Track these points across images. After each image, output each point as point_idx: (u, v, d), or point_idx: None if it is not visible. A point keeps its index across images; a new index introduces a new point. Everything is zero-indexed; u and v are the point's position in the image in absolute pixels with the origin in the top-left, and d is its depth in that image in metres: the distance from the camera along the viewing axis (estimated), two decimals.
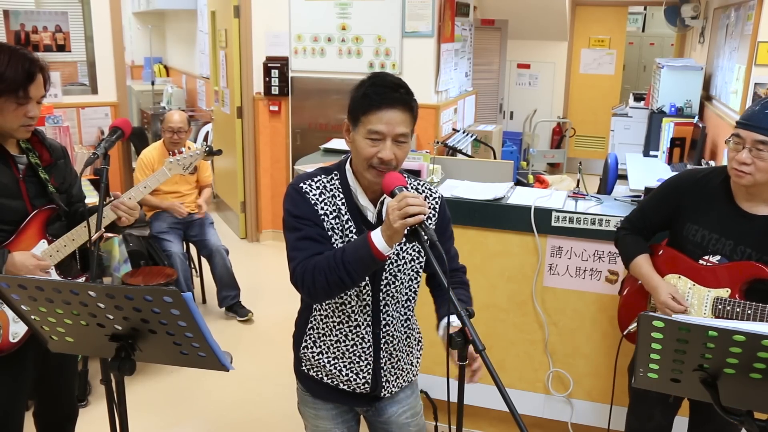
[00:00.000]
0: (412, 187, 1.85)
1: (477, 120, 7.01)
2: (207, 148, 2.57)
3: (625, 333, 2.32)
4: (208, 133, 6.98)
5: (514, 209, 2.85)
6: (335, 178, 1.81)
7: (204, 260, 4.53)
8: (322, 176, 1.81)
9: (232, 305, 4.38)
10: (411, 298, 1.90)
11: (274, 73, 5.58)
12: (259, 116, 5.78)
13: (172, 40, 9.13)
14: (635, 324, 2.28)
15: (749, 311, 2.03)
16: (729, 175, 2.06)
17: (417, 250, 1.85)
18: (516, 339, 2.96)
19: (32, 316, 1.53)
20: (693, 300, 2.14)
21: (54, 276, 2.10)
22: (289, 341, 1.94)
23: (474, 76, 6.90)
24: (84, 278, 2.25)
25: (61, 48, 4.74)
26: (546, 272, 2.88)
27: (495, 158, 5.49)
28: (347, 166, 1.82)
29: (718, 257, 2.10)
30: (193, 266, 4.60)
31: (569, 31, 8.43)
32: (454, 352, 1.56)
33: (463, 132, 5.60)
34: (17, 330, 2.04)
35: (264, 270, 5.35)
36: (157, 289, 1.36)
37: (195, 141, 6.72)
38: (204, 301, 4.65)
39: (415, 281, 1.89)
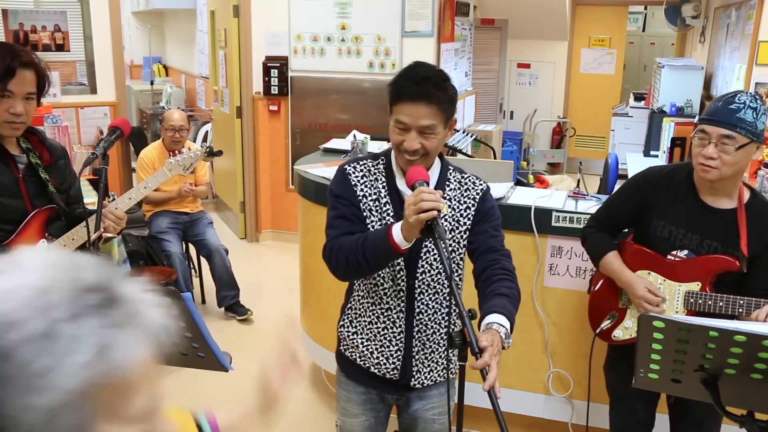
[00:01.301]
0: (455, 179, 1.89)
1: (477, 120, 7.00)
2: (207, 149, 2.57)
3: (597, 331, 2.32)
4: (207, 132, 6.97)
5: (514, 209, 2.84)
6: (381, 162, 1.87)
7: (203, 260, 4.52)
8: (369, 160, 1.89)
9: (232, 305, 4.37)
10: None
11: (274, 72, 5.57)
12: (258, 116, 5.77)
13: (172, 40, 9.12)
14: (607, 321, 2.29)
15: (721, 303, 2.06)
16: (693, 170, 2.09)
17: (457, 241, 1.86)
18: (516, 339, 2.95)
19: None
20: (664, 295, 2.16)
21: None
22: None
23: (474, 75, 6.89)
24: None
25: (60, 48, 4.74)
26: (546, 272, 2.87)
27: (495, 158, 5.48)
28: (393, 151, 1.86)
29: (685, 252, 2.12)
30: (192, 266, 4.59)
31: (569, 30, 8.42)
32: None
33: (463, 132, 5.59)
34: None
35: (264, 270, 5.34)
36: (156, 289, 1.35)
37: (194, 141, 6.72)
38: (203, 301, 4.65)
39: (455, 273, 1.89)
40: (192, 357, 1.51)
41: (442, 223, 1.82)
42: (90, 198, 3.41)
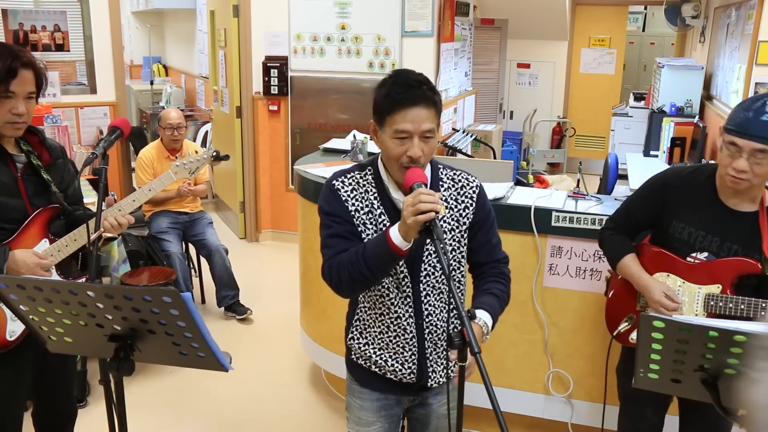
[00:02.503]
0: (448, 177, 1.87)
1: (477, 120, 7.01)
2: (214, 154, 2.56)
3: (615, 334, 2.31)
4: (207, 132, 6.97)
5: (514, 209, 2.84)
6: (369, 173, 1.84)
7: (203, 260, 4.52)
8: (356, 172, 1.85)
9: (231, 305, 4.37)
10: (455, 287, 1.90)
11: (274, 72, 5.57)
12: (258, 116, 5.77)
13: (171, 40, 9.12)
14: (625, 324, 2.28)
15: (742, 306, 2.04)
16: (715, 172, 2.07)
17: (457, 240, 1.86)
18: (516, 339, 2.96)
19: (31, 316, 1.52)
20: (684, 297, 2.14)
21: (54, 276, 2.09)
22: (289, 341, 1.95)
23: (474, 75, 6.89)
24: (84, 278, 2.24)
25: (60, 47, 4.73)
26: (546, 272, 2.87)
27: (495, 158, 5.48)
28: (379, 160, 1.84)
29: (705, 254, 2.10)
30: (192, 266, 4.59)
31: (569, 30, 8.42)
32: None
33: (463, 132, 5.60)
34: (14, 329, 2.03)
35: (263, 270, 5.34)
36: (156, 289, 1.35)
37: (194, 140, 6.72)
38: (203, 301, 4.65)
39: (458, 271, 1.89)
40: (192, 357, 1.51)
41: (441, 224, 1.82)
42: (90, 198, 3.42)
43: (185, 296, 1.35)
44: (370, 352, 1.92)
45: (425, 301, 1.86)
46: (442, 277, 1.86)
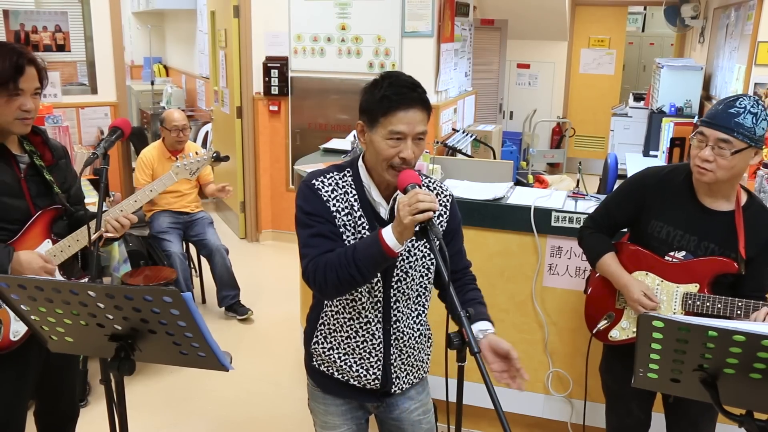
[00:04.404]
0: (423, 185, 1.87)
1: (477, 120, 7.01)
2: (214, 154, 2.57)
3: (594, 331, 2.33)
4: (207, 133, 6.97)
5: (514, 209, 2.85)
6: (348, 174, 1.82)
7: (204, 260, 4.52)
8: (335, 173, 1.83)
9: (232, 305, 4.38)
10: (422, 294, 1.91)
11: (274, 73, 5.57)
12: (258, 116, 5.77)
13: (172, 40, 9.12)
14: (604, 321, 2.30)
15: (719, 305, 2.07)
16: (691, 171, 2.09)
17: (428, 246, 1.86)
18: (516, 339, 2.96)
19: (32, 316, 1.53)
20: (662, 296, 2.17)
21: (57, 276, 2.10)
22: (289, 341, 1.95)
23: (474, 76, 6.89)
24: (87, 279, 2.25)
25: (61, 48, 4.74)
26: (546, 272, 2.88)
27: (495, 158, 5.48)
28: (360, 162, 1.83)
29: (683, 253, 2.13)
30: (192, 266, 4.60)
31: (569, 31, 8.42)
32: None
33: (463, 132, 5.60)
34: (18, 329, 2.04)
35: (264, 270, 5.35)
36: (156, 289, 1.36)
37: (195, 141, 6.72)
38: (204, 301, 4.65)
39: (425, 278, 1.89)
40: (192, 357, 1.52)
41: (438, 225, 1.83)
42: (91, 198, 3.42)
43: (186, 296, 1.35)
44: (334, 357, 1.89)
45: (394, 306, 1.85)
46: (413, 282, 1.86)
